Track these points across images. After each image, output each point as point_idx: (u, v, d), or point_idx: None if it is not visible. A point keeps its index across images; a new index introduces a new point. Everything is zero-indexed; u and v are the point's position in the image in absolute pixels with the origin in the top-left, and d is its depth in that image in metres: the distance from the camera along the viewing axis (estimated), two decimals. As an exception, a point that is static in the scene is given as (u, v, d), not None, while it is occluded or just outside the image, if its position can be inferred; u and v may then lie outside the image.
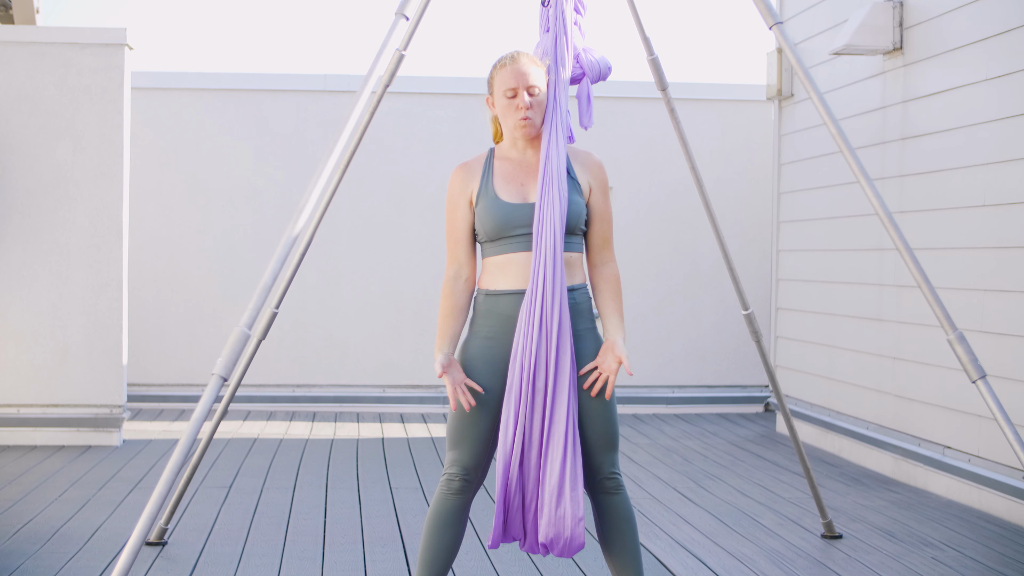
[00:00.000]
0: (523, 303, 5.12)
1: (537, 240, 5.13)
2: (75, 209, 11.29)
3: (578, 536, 5.07)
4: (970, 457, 9.12)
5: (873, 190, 5.49)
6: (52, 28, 11.46)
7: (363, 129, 6.28)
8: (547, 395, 5.08)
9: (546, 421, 5.08)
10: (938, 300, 5.43)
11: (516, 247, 5.18)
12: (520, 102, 5.20)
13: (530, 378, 5.07)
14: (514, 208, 5.16)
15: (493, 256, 5.24)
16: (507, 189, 5.21)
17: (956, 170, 9.37)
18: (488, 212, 5.19)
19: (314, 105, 14.17)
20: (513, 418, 5.08)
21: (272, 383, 13.92)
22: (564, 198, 5.12)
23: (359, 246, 14.11)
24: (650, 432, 12.66)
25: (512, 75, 5.23)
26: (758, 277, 14.28)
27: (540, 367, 5.09)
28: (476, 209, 5.22)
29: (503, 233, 5.17)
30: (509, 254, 5.19)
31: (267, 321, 6.08)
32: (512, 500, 5.15)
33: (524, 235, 5.17)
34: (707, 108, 14.51)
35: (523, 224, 5.16)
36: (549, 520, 5.08)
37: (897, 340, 10.27)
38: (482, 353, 5.21)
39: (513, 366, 5.11)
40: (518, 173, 5.25)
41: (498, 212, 5.16)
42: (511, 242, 5.18)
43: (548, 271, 5.09)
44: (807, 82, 5.66)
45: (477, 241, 5.33)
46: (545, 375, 5.08)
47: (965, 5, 9.25)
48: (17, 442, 11.25)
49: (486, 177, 5.25)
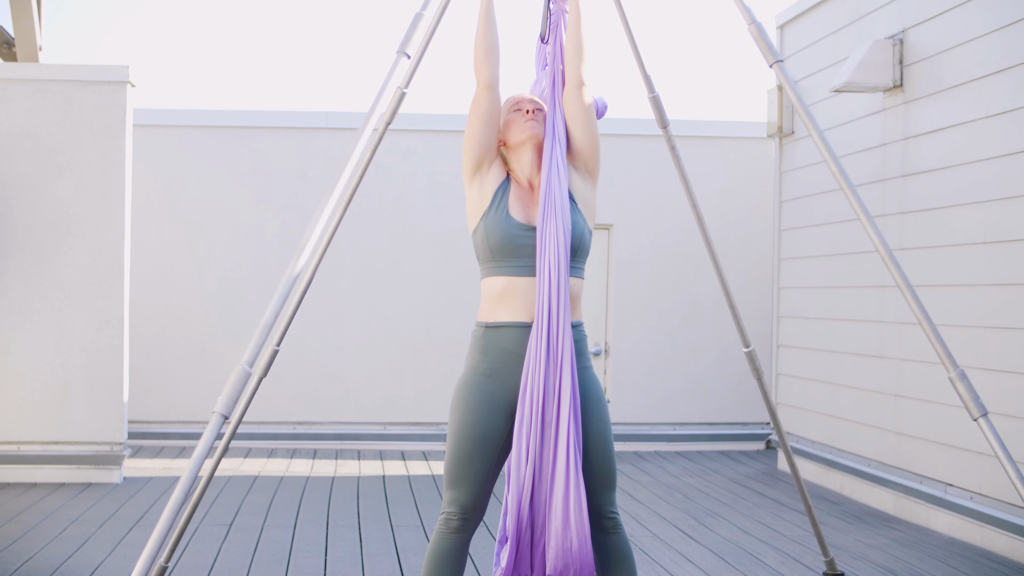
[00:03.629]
0: (531, 336, 5.09)
1: (541, 266, 5.12)
2: (76, 246, 11.30)
3: (587, 565, 5.04)
4: (972, 495, 9.10)
5: (874, 227, 5.48)
6: (54, 65, 11.49)
7: (365, 166, 6.29)
8: (555, 427, 5.06)
9: (554, 453, 5.06)
10: (939, 337, 5.42)
11: (517, 271, 5.16)
12: (525, 107, 5.33)
13: (539, 412, 5.04)
14: (522, 227, 5.16)
15: (493, 278, 5.21)
16: (516, 208, 5.21)
17: (957, 207, 9.38)
18: (498, 225, 5.17)
19: (316, 142, 14.20)
20: (525, 454, 5.05)
21: (273, 420, 13.91)
22: (568, 225, 5.14)
23: (360, 283, 14.12)
24: (652, 470, 12.64)
25: (517, 98, 5.41)
26: (759, 314, 14.28)
27: (549, 399, 5.06)
28: (485, 220, 5.21)
29: (507, 251, 5.15)
30: (510, 277, 5.16)
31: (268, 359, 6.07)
32: (523, 536, 5.11)
33: (527, 257, 5.17)
34: (708, 145, 14.54)
35: (527, 245, 5.15)
36: (557, 552, 5.04)
37: (898, 377, 10.26)
38: (482, 391, 5.16)
39: (523, 402, 5.06)
40: (526, 198, 5.26)
41: (508, 227, 5.14)
42: (513, 264, 5.16)
43: (554, 299, 5.08)
44: (807, 119, 5.66)
45: (478, 259, 5.30)
46: (555, 406, 5.06)
47: (965, 43, 9.28)
48: (17, 479, 11.23)
49: (504, 187, 5.27)
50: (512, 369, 5.14)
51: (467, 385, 5.20)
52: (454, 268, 14.10)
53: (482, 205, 5.23)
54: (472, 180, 5.26)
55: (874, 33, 10.68)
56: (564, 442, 5.05)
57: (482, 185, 5.24)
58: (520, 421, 5.06)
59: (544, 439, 5.07)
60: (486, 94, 5.20)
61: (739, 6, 5.73)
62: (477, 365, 5.20)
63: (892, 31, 10.36)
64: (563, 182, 5.22)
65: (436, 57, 18.02)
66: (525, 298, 5.16)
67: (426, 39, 6.06)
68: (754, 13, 5.70)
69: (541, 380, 5.05)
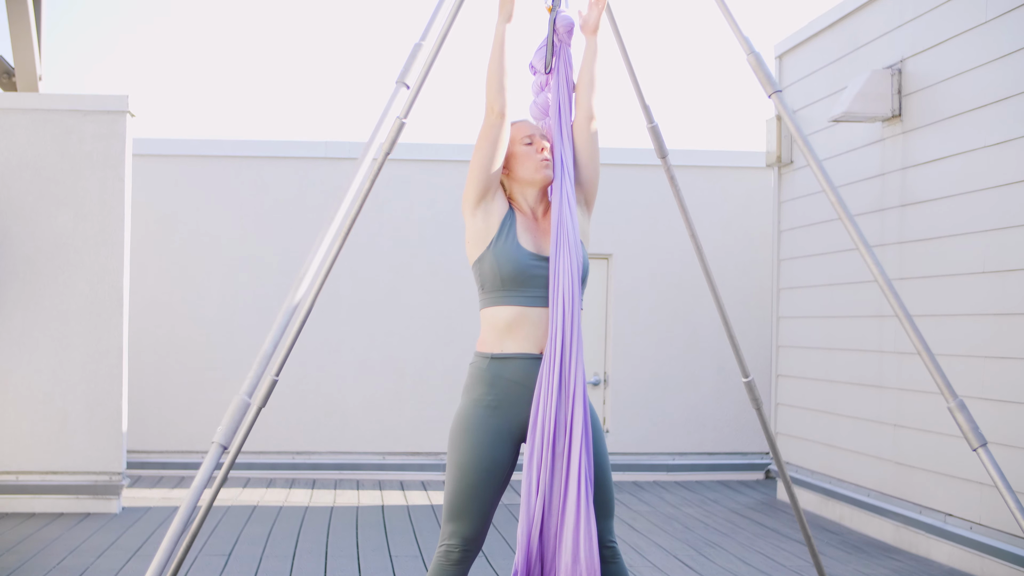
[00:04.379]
0: (542, 367, 5.06)
1: (554, 297, 5.10)
2: (76, 276, 11.31)
3: None
4: (972, 525, 9.09)
5: (872, 257, 5.48)
6: (54, 95, 11.52)
7: (364, 196, 6.29)
8: (567, 459, 5.04)
9: (564, 486, 5.03)
10: (938, 367, 5.41)
11: (529, 301, 5.13)
12: (539, 146, 5.29)
13: (551, 444, 5.02)
14: (533, 257, 5.14)
15: (500, 307, 5.16)
16: (525, 238, 5.20)
17: (955, 237, 9.39)
18: (509, 254, 5.12)
19: (315, 172, 14.22)
20: (535, 487, 5.02)
21: (272, 450, 13.89)
22: (579, 257, 5.13)
23: (359, 313, 14.12)
24: (651, 500, 12.62)
25: (527, 126, 5.34)
26: (758, 344, 14.28)
27: (560, 431, 5.03)
28: (494, 249, 5.15)
29: (518, 281, 5.11)
30: (520, 307, 5.12)
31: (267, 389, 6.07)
32: (533, 570, 5.07)
33: (538, 288, 5.15)
34: (707, 175, 14.56)
35: (539, 275, 5.13)
36: None
37: (898, 407, 10.26)
38: (487, 423, 5.10)
39: (533, 434, 5.02)
40: (533, 228, 5.25)
41: (520, 256, 5.11)
42: (524, 294, 5.13)
43: (567, 331, 5.06)
44: (806, 149, 5.67)
45: (481, 288, 5.23)
46: (566, 438, 5.04)
47: (963, 72, 9.31)
48: (15, 509, 11.21)
49: (510, 217, 5.23)
50: (519, 401, 5.10)
51: (470, 417, 5.13)
52: (453, 298, 14.10)
53: (488, 233, 5.17)
54: (476, 208, 5.19)
55: (872, 63, 10.71)
56: (576, 475, 5.01)
57: (487, 214, 5.18)
58: (531, 454, 5.02)
59: (555, 472, 5.04)
60: (499, 123, 5.15)
61: (738, 36, 5.74)
62: (481, 397, 5.13)
63: (891, 61, 10.38)
64: (574, 214, 5.21)
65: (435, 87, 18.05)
66: (535, 328, 5.13)
67: (425, 69, 6.07)
68: (753, 43, 5.71)
69: (552, 412, 5.02)
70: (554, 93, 5.52)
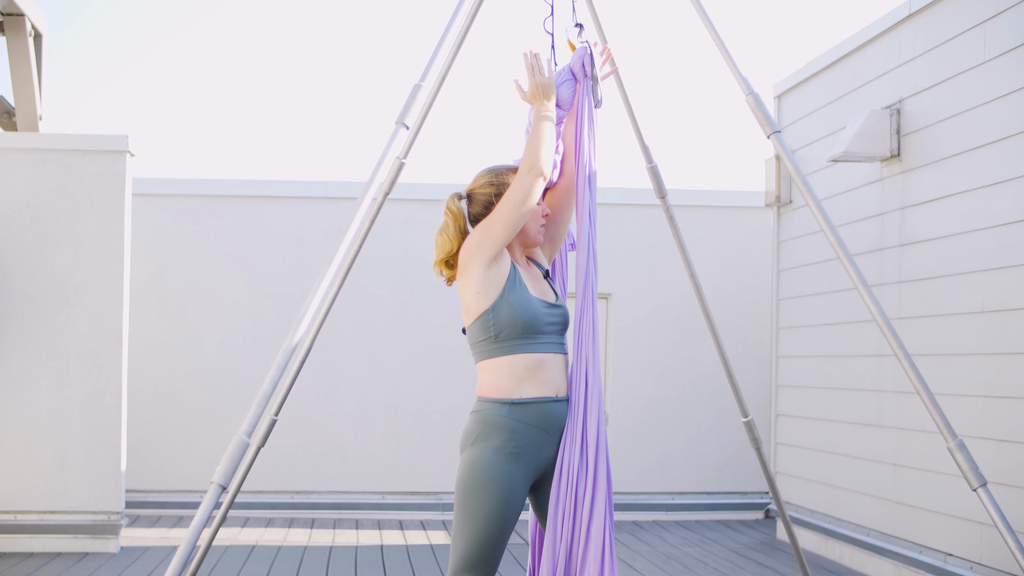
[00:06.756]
0: (569, 413, 5.11)
1: (578, 343, 5.19)
2: (75, 315, 11.31)
3: None
4: (972, 564, 9.06)
5: (871, 296, 5.49)
6: (54, 135, 11.54)
7: (364, 236, 6.30)
8: (591, 504, 5.03)
9: (587, 531, 5.02)
10: (937, 407, 5.41)
11: (547, 347, 5.16)
12: (543, 210, 5.34)
13: (573, 490, 5.03)
14: (545, 305, 5.18)
15: (520, 355, 5.13)
16: (533, 287, 5.23)
17: (954, 276, 9.40)
18: (525, 303, 5.12)
19: (314, 212, 14.23)
20: (559, 533, 5.01)
21: (271, 489, 13.85)
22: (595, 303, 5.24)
23: (358, 352, 14.11)
24: (650, 539, 12.59)
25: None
26: (758, 383, 14.27)
27: (582, 476, 5.04)
28: (510, 298, 5.13)
29: (536, 328, 5.13)
30: (538, 354, 5.13)
31: (266, 428, 6.06)
32: None
33: (553, 335, 5.19)
34: (706, 215, 14.58)
35: (553, 323, 5.18)
36: None
37: (897, 447, 10.24)
38: (511, 472, 5.03)
39: (558, 481, 5.04)
40: (528, 276, 5.28)
41: (535, 305, 5.14)
42: (542, 340, 5.15)
43: (590, 375, 5.14)
44: (805, 189, 5.69)
45: (494, 338, 5.16)
46: (589, 483, 5.04)
47: (962, 112, 9.33)
48: (13, 549, 11.18)
49: (514, 268, 5.22)
50: (539, 445, 5.10)
51: (494, 467, 5.03)
52: (453, 337, 14.08)
53: (500, 282, 5.13)
54: (493, 261, 5.13)
55: (871, 103, 10.73)
56: (600, 519, 5.02)
57: (499, 266, 5.14)
58: (556, 500, 5.04)
59: (577, 517, 5.04)
60: (542, 185, 5.17)
61: (736, 76, 5.76)
62: (504, 444, 5.05)
63: (889, 101, 10.41)
64: (595, 263, 5.33)
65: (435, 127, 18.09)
66: (552, 373, 5.16)
67: (425, 110, 6.10)
68: (751, 83, 5.74)
69: (577, 457, 5.05)
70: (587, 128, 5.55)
